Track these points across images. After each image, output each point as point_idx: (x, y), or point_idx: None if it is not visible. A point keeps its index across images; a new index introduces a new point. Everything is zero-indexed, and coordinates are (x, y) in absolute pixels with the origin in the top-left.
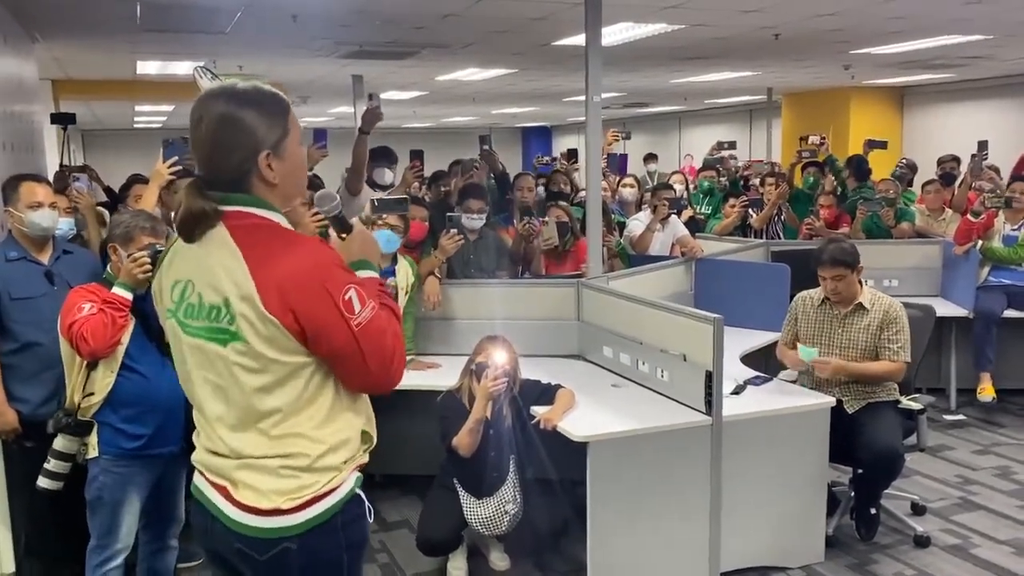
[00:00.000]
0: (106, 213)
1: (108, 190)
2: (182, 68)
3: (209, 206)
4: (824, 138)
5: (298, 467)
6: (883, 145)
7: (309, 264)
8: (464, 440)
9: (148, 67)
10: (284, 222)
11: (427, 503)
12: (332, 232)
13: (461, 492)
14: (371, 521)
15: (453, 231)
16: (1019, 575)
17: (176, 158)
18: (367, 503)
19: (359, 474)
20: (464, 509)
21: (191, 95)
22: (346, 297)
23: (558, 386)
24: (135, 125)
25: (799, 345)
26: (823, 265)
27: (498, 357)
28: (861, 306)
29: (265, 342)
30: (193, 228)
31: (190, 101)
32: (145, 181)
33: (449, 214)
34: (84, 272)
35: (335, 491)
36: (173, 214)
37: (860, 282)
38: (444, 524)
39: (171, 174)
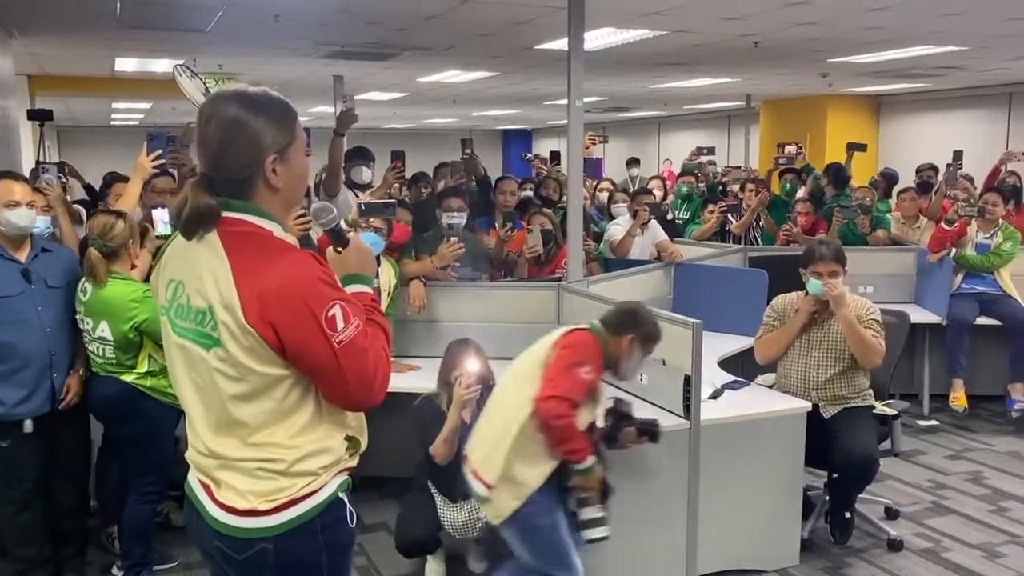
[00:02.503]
0: (83, 211)
1: (89, 188)
2: (161, 66)
3: (215, 203)
4: (800, 148)
5: (275, 470)
6: (863, 147)
7: (293, 278)
8: (440, 449)
9: (126, 64)
10: (278, 231)
11: (404, 505)
12: (314, 237)
13: (436, 495)
14: (353, 525)
15: (454, 239)
16: None
17: (160, 151)
18: (349, 507)
19: (345, 478)
20: (439, 512)
21: (169, 93)
22: (329, 314)
23: None
24: (112, 122)
25: (810, 280)
26: (824, 259)
27: (471, 364)
28: None
29: (244, 352)
30: (197, 225)
31: (168, 99)
32: (125, 180)
33: (449, 222)
34: (62, 270)
35: (315, 494)
36: (167, 211)
37: None
38: (422, 525)
39: (153, 168)
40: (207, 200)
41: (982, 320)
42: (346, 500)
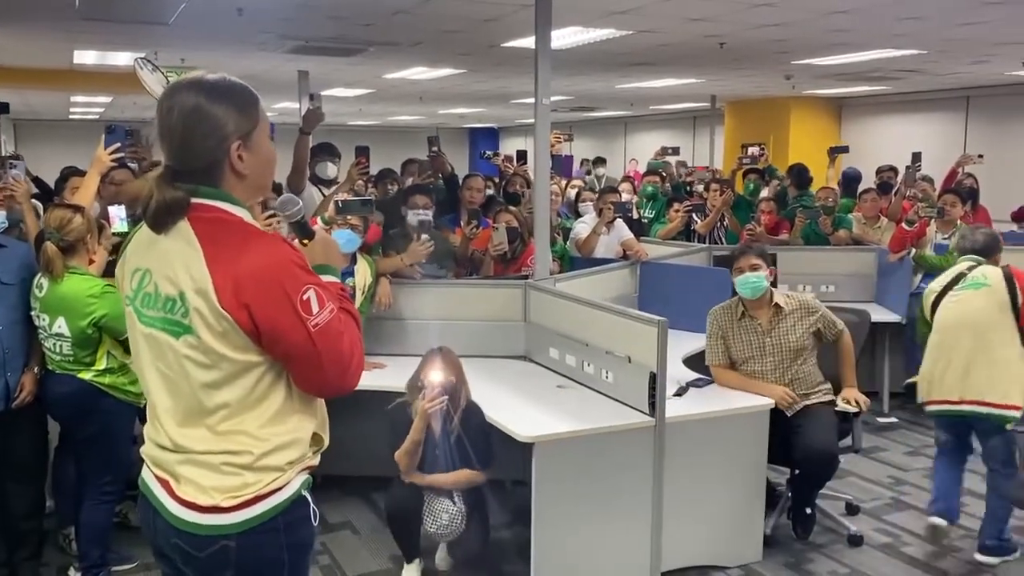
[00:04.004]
0: (39, 206)
1: (38, 181)
2: (121, 59)
3: (182, 194)
4: (763, 149)
5: (241, 464)
6: (846, 149)
7: (268, 261)
8: (402, 460)
9: (85, 57)
10: (247, 217)
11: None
12: (284, 234)
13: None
14: (316, 524)
15: (425, 237)
16: (947, 572)
17: (118, 145)
18: (312, 505)
19: (307, 476)
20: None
21: (130, 87)
22: (304, 297)
23: (489, 455)
24: (71, 116)
25: (736, 279)
26: (745, 254)
27: (434, 376)
28: (779, 307)
29: (217, 338)
30: (166, 219)
31: (129, 93)
32: (81, 174)
33: (420, 219)
34: (16, 266)
35: (279, 491)
36: (124, 208)
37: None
38: (411, 496)
39: (112, 161)
40: (173, 193)
41: None
42: (309, 498)
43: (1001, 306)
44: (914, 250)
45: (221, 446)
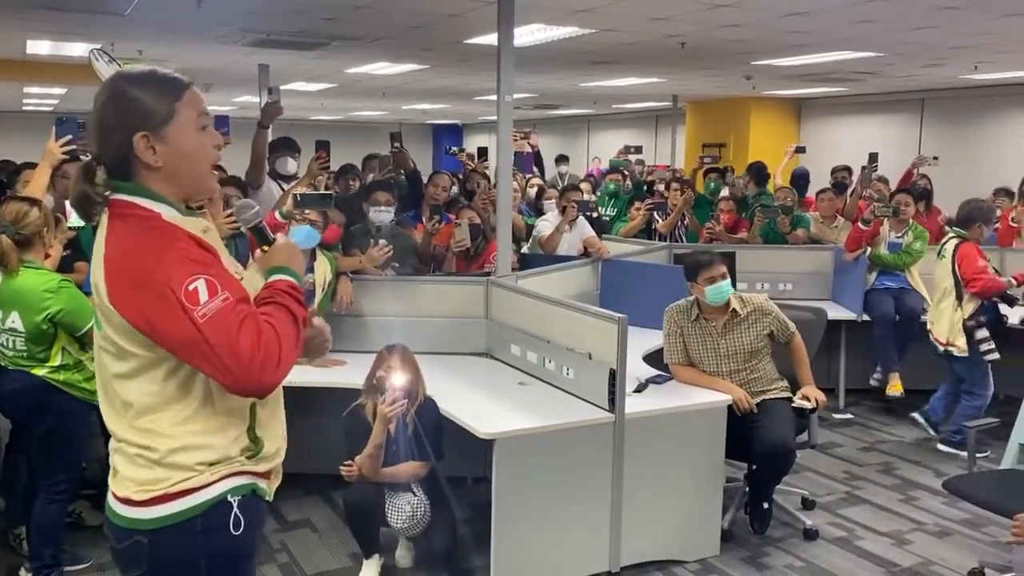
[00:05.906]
0: None
1: None
2: (77, 49)
3: (92, 190)
4: (716, 159)
5: (151, 459)
6: (803, 149)
7: (155, 258)
8: (366, 464)
9: (39, 47)
10: (168, 213)
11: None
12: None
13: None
14: (238, 533)
15: (383, 242)
16: (898, 564)
17: (69, 137)
18: (237, 512)
19: (245, 482)
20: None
21: (85, 78)
22: (190, 287)
23: (440, 448)
24: (24, 107)
25: (706, 288)
26: (715, 263)
27: (397, 379)
28: (735, 312)
29: (116, 332)
30: (85, 210)
31: (84, 84)
32: (33, 167)
33: (376, 218)
34: None
35: (193, 492)
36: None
37: None
38: (371, 493)
39: (63, 154)
40: (83, 187)
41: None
42: (234, 504)
43: (949, 273)
44: (869, 249)
45: (136, 438)
